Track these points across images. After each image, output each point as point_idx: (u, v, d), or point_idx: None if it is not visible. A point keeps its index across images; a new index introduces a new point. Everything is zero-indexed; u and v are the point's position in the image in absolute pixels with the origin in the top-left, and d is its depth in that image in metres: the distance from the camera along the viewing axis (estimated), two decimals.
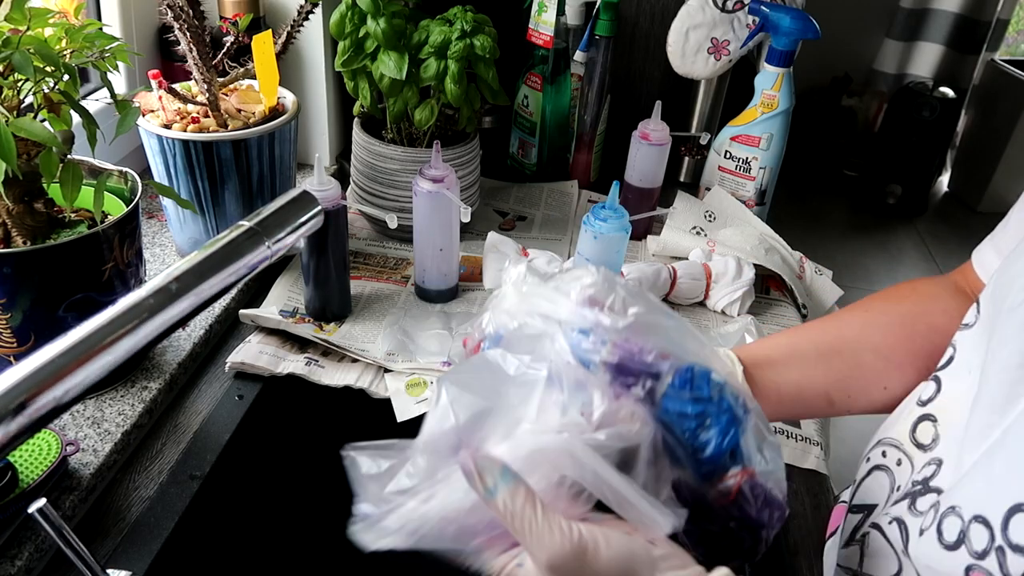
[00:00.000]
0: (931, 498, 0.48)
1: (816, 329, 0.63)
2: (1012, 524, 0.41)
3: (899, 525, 0.50)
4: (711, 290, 0.95)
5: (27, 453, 0.62)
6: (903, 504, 0.51)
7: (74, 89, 0.62)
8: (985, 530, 0.42)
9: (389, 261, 1.01)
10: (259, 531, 0.86)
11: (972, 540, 0.43)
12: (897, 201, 3.15)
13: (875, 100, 3.26)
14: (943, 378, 0.54)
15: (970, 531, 0.43)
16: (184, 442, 0.73)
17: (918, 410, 0.54)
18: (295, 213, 0.72)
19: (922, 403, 0.55)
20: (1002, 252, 0.58)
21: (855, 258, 2.87)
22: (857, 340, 0.61)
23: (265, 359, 0.81)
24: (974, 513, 0.43)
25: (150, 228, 0.97)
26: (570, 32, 1.17)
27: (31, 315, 0.64)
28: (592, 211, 0.81)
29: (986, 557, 0.42)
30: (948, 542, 0.44)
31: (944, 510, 0.45)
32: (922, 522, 0.48)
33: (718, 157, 1.14)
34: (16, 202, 0.64)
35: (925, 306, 0.61)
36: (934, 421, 0.53)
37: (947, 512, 0.45)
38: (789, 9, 1.04)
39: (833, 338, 0.61)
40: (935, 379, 0.54)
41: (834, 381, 0.60)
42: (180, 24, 0.81)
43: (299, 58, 1.10)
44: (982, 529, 0.42)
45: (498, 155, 1.25)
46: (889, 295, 0.64)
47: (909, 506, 0.50)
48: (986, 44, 3.10)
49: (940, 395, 0.53)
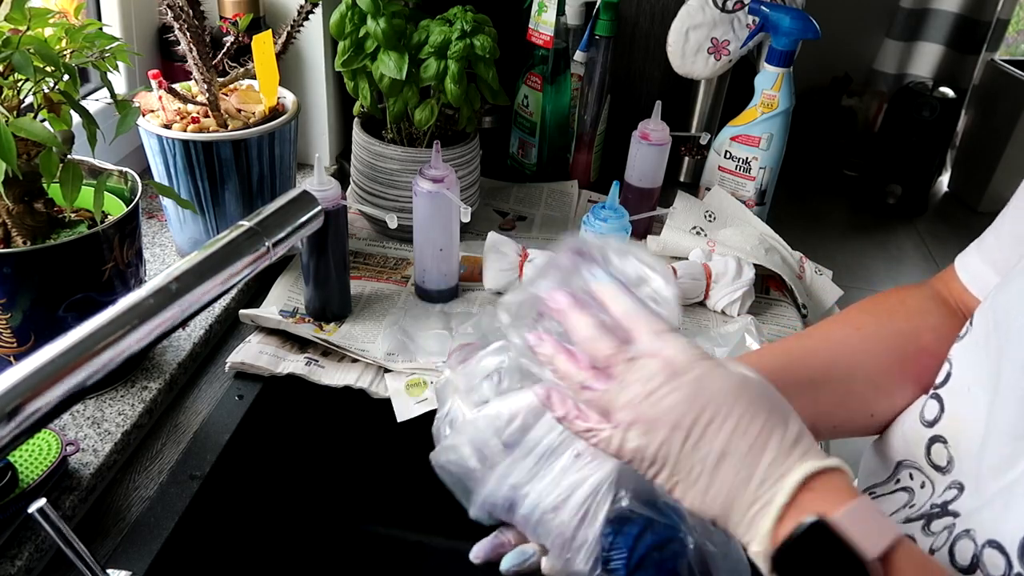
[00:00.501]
0: (946, 521, 0.48)
1: (808, 351, 0.60)
2: None
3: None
4: (711, 290, 0.95)
5: (27, 453, 0.62)
6: (917, 524, 0.50)
7: (74, 89, 0.62)
8: (1000, 556, 0.41)
9: (389, 261, 1.01)
10: (259, 531, 0.86)
11: (987, 565, 0.42)
12: (897, 201, 3.15)
13: (875, 100, 3.26)
14: (944, 396, 0.53)
15: (983, 555, 0.42)
16: (184, 442, 0.73)
17: (926, 431, 0.53)
18: (295, 213, 0.72)
19: (928, 424, 0.54)
20: (992, 263, 0.57)
21: (855, 258, 2.86)
22: (848, 367, 0.59)
23: (265, 359, 0.81)
24: (987, 538, 0.42)
25: (150, 228, 0.97)
26: (570, 32, 1.17)
27: (31, 315, 0.64)
28: (592, 211, 0.81)
29: None
30: (961, 565, 0.44)
31: (958, 532, 0.45)
32: (933, 542, 0.47)
33: (718, 157, 1.14)
34: (16, 202, 0.64)
35: (915, 323, 0.59)
36: (944, 443, 0.52)
37: (960, 535, 0.45)
38: (789, 9, 1.04)
39: (824, 363, 0.59)
40: (936, 397, 0.53)
41: (823, 412, 0.58)
42: (180, 24, 0.81)
43: (299, 58, 1.10)
44: (997, 555, 0.42)
45: (498, 155, 1.25)
46: (879, 309, 0.62)
47: (923, 527, 0.49)
48: (986, 44, 3.10)
49: (945, 416, 0.52)
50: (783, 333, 0.94)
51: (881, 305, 0.62)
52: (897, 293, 0.62)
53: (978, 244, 0.59)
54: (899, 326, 0.59)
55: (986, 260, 0.58)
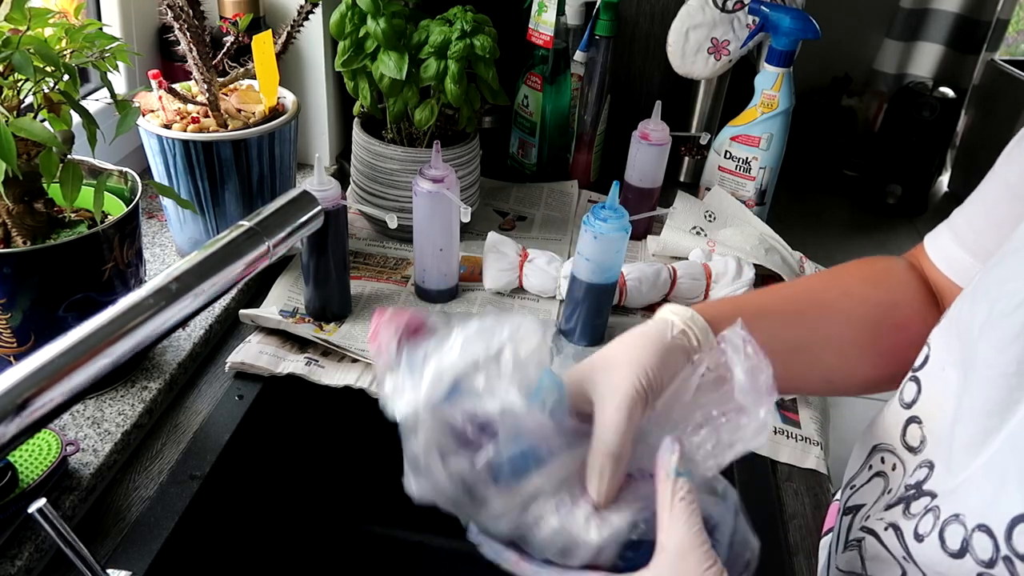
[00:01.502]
0: (924, 501, 0.48)
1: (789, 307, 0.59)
2: (1016, 534, 0.41)
3: (895, 531, 0.49)
4: (711, 290, 0.95)
5: (27, 453, 0.62)
6: (897, 509, 0.50)
7: (74, 89, 0.62)
8: (988, 539, 0.42)
9: (389, 261, 1.01)
10: (259, 531, 0.86)
11: (976, 549, 0.43)
12: (897, 201, 3.15)
13: (875, 100, 3.26)
14: (922, 379, 0.53)
15: (973, 540, 0.43)
16: (184, 442, 0.73)
17: (904, 413, 0.54)
18: (295, 213, 0.72)
19: (906, 405, 0.54)
20: (964, 245, 0.57)
21: (855, 258, 2.86)
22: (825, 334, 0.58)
23: (265, 359, 0.81)
24: (977, 522, 0.43)
25: (150, 228, 0.97)
26: (570, 32, 1.17)
27: (31, 315, 0.64)
28: (592, 211, 0.81)
29: (994, 566, 0.42)
30: (952, 550, 0.44)
31: (947, 518, 0.45)
32: (918, 526, 0.48)
33: (718, 157, 1.14)
34: (16, 202, 0.64)
35: (895, 296, 0.59)
36: (920, 423, 0.53)
37: (949, 520, 0.45)
38: (789, 9, 1.04)
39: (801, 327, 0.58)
40: (915, 380, 0.54)
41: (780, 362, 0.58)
42: (180, 24, 0.81)
43: (299, 58, 1.10)
44: (985, 538, 0.42)
45: (498, 155, 1.25)
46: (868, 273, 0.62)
47: (904, 511, 0.50)
48: (986, 44, 3.09)
49: (922, 396, 0.53)
50: None
51: (871, 267, 0.62)
52: (884, 260, 0.63)
53: (949, 225, 0.59)
54: (881, 296, 0.60)
55: (958, 242, 0.58)
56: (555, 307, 0.94)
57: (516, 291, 0.96)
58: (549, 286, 0.94)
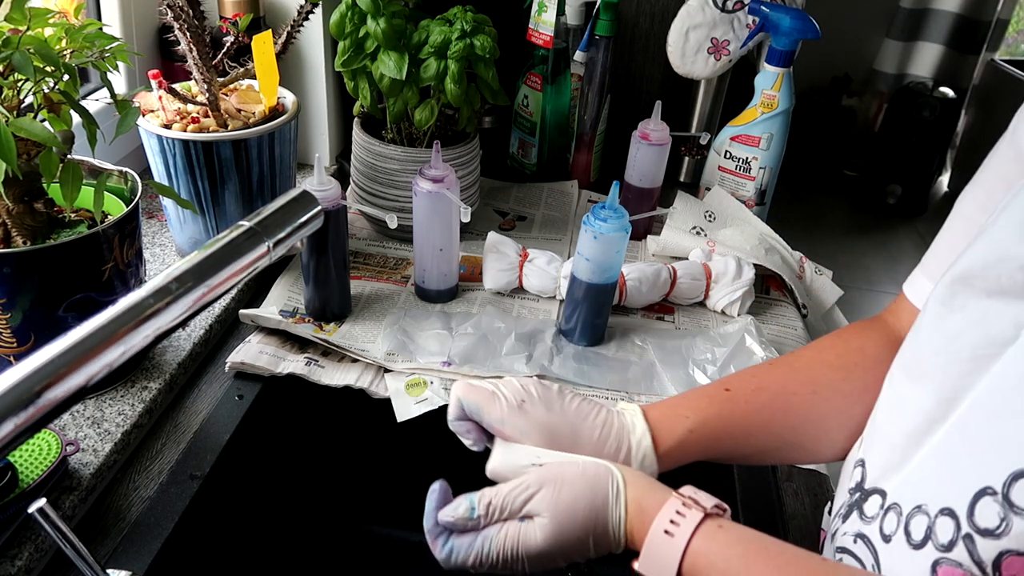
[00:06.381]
0: (877, 500, 0.49)
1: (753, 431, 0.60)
2: (978, 509, 0.41)
3: (863, 540, 0.49)
4: (711, 290, 0.95)
5: (27, 453, 0.62)
6: (854, 516, 0.51)
7: (74, 89, 0.62)
8: (951, 521, 0.43)
9: (389, 261, 1.01)
10: (259, 531, 0.86)
11: (938, 534, 0.43)
12: (897, 201, 3.15)
13: (875, 100, 3.26)
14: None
15: (936, 525, 0.44)
16: (184, 442, 0.73)
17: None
18: (295, 213, 0.72)
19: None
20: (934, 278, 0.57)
21: (855, 258, 2.86)
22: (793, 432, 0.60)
23: (265, 359, 0.81)
24: (940, 507, 0.44)
25: (150, 228, 0.97)
26: (570, 32, 1.17)
27: (31, 315, 0.64)
28: (592, 211, 0.81)
29: (953, 548, 0.42)
30: (916, 541, 0.45)
31: (910, 511, 0.46)
32: (882, 526, 0.48)
33: (718, 157, 1.14)
34: (16, 202, 0.64)
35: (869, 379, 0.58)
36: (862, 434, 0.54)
37: (913, 512, 0.46)
38: (789, 9, 1.04)
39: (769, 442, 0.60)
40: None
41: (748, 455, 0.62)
42: (180, 24, 0.81)
43: (299, 58, 1.10)
44: (948, 521, 0.43)
45: (498, 155, 1.25)
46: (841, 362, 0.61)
47: (860, 516, 0.50)
48: (986, 44, 3.10)
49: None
50: (783, 333, 0.94)
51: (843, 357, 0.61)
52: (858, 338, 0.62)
53: (922, 268, 0.60)
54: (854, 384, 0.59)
55: (929, 277, 0.59)
56: (555, 307, 0.94)
57: (516, 291, 0.96)
58: (549, 286, 0.94)
